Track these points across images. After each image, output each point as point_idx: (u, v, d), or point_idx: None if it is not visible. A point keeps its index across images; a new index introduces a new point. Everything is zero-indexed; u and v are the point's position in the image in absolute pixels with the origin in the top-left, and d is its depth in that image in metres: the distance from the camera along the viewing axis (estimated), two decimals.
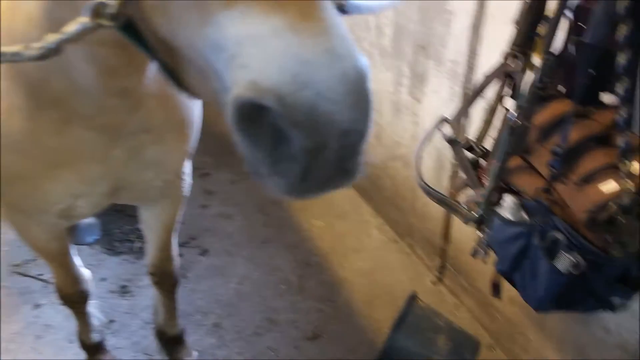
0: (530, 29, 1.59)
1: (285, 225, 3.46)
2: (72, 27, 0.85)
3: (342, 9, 1.13)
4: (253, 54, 0.69)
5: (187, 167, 1.91)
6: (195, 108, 1.70)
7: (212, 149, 3.95)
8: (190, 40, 0.78)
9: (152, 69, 1.36)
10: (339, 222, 3.51)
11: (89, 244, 3.22)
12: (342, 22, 0.73)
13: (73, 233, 2.79)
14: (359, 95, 0.71)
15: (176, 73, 0.91)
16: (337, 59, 0.68)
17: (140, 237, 3.22)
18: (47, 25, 1.09)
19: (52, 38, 0.87)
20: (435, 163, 2.79)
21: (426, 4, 2.63)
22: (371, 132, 0.76)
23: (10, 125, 1.40)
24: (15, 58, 0.91)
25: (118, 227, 3.35)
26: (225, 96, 0.75)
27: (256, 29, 0.69)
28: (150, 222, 2.10)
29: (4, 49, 0.92)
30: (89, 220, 3.20)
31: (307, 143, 0.70)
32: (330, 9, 0.73)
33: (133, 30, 0.87)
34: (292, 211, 3.59)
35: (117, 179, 1.61)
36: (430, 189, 1.79)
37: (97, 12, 0.81)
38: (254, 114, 0.71)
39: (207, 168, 3.81)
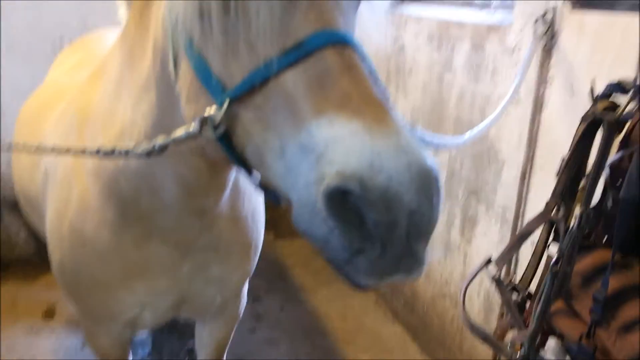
0: (571, 182, 1.72)
1: (331, 356, 3.45)
2: (179, 132, 1.05)
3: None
4: (338, 151, 0.86)
5: (245, 287, 2.04)
6: (260, 232, 1.87)
7: (265, 273, 4.10)
8: (282, 144, 0.94)
9: (226, 193, 1.56)
10: (385, 357, 3.47)
11: (140, 359, 3.31)
12: (407, 129, 0.90)
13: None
14: (423, 182, 0.85)
15: (258, 176, 1.09)
16: (403, 152, 0.85)
17: (188, 356, 3.30)
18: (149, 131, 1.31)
19: (160, 140, 1.07)
20: (484, 304, 2.81)
21: (479, 153, 2.82)
22: (437, 219, 0.90)
23: (99, 238, 1.60)
24: (126, 154, 1.12)
25: (169, 343, 3.44)
26: (305, 190, 0.89)
27: (340, 131, 0.87)
28: (204, 338, 2.20)
29: (118, 146, 1.13)
30: (142, 335, 3.32)
31: (381, 218, 0.84)
32: (397, 118, 0.91)
33: (227, 140, 1.05)
34: (338, 343, 3.59)
35: (182, 293, 1.76)
36: (474, 325, 1.83)
37: (204, 122, 1.01)
38: (340, 199, 0.85)
39: (259, 291, 3.93)
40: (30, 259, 4.05)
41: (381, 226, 0.84)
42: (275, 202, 1.12)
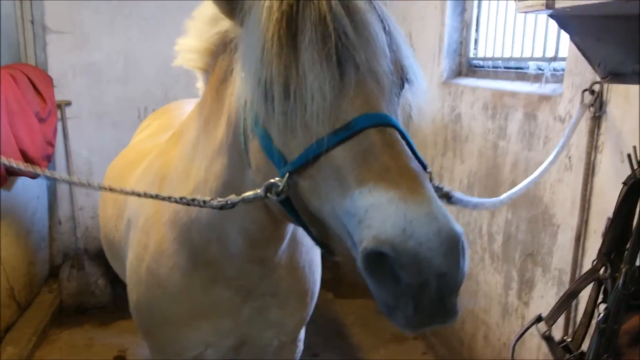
0: (616, 241, 1.77)
1: None
2: (249, 194, 1.24)
3: (449, 199, 1.38)
4: (375, 217, 0.98)
5: (302, 333, 2.16)
6: (316, 281, 2.01)
7: (323, 331, 4.17)
8: (332, 210, 1.09)
9: (285, 244, 1.72)
10: None
11: None
12: (438, 199, 1.02)
13: None
14: (451, 247, 0.96)
15: (317, 235, 1.24)
16: (433, 220, 0.96)
17: None
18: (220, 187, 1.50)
19: (233, 197, 1.26)
20: None
21: (534, 217, 2.87)
22: (464, 278, 1.00)
23: (171, 279, 1.79)
24: (203, 204, 1.30)
25: None
26: (354, 249, 1.03)
27: (378, 199, 0.99)
28: None
29: (198, 197, 1.32)
30: None
31: (412, 279, 0.95)
32: (430, 189, 1.03)
33: (288, 204, 1.22)
34: None
35: (242, 335, 1.90)
36: None
37: (269, 188, 1.18)
38: (377, 260, 0.97)
39: (317, 349, 3.98)
40: (106, 306, 4.39)
41: (413, 286, 0.96)
42: (330, 256, 1.26)
